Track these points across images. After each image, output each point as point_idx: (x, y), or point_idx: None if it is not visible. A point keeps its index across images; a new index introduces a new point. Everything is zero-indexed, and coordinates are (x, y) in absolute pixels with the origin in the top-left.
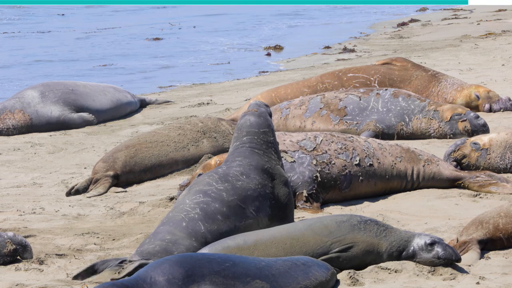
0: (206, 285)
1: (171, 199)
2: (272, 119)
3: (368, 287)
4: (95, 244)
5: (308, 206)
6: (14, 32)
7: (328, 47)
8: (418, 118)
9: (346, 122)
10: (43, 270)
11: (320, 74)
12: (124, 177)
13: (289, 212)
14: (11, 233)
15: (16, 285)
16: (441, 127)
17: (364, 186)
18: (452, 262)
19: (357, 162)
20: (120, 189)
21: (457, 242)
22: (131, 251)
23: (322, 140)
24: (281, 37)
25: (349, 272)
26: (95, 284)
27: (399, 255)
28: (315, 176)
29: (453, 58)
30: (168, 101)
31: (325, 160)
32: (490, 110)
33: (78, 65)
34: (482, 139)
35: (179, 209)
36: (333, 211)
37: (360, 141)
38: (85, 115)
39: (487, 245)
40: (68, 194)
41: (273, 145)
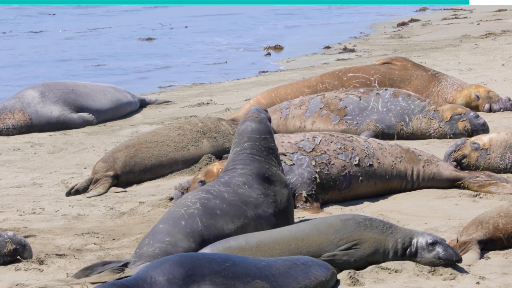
0: (206, 285)
1: (171, 199)
2: (272, 119)
3: (368, 287)
4: (95, 244)
5: (308, 206)
6: (6, 32)
7: (328, 47)
8: (418, 118)
9: (346, 122)
10: (43, 270)
11: (320, 74)
12: (124, 177)
13: (290, 215)
14: (11, 232)
15: (16, 285)
16: (441, 127)
17: (363, 187)
18: (452, 263)
19: (356, 162)
20: (120, 189)
21: (457, 242)
22: (131, 251)
23: (321, 140)
24: (278, 37)
25: (349, 272)
26: (95, 284)
27: (404, 253)
28: (314, 177)
29: (453, 58)
30: (168, 101)
31: (324, 160)
32: (490, 110)
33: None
34: (482, 139)
35: (181, 204)
36: (333, 211)
37: (360, 141)
38: (85, 115)
39: (487, 245)
40: (68, 194)
41: (273, 151)
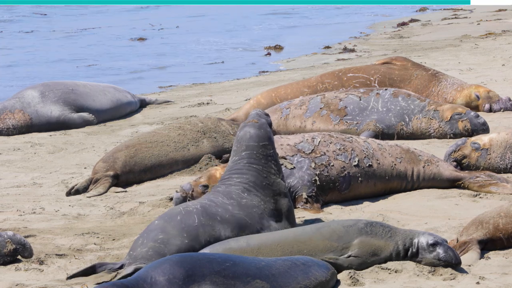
0: (207, 285)
1: (171, 199)
2: (272, 119)
3: (368, 287)
4: (95, 244)
5: (308, 206)
6: None
7: (328, 47)
8: (418, 118)
9: (346, 122)
10: (43, 270)
11: (320, 74)
12: (124, 177)
13: (291, 222)
14: (10, 232)
15: (16, 285)
16: (441, 127)
17: (363, 187)
18: (452, 265)
19: (356, 163)
20: (120, 189)
21: (457, 242)
22: None
23: (320, 141)
24: (277, 36)
25: (349, 272)
26: (95, 284)
27: (406, 254)
28: (314, 180)
29: (453, 58)
30: (168, 101)
31: (323, 162)
32: (490, 110)
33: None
34: (482, 139)
35: (182, 204)
36: (333, 211)
37: (359, 142)
38: (85, 115)
39: (487, 245)
40: (68, 194)
41: (272, 158)
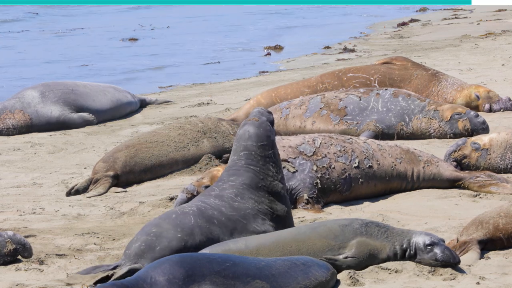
0: (207, 285)
1: (171, 199)
2: None
3: (368, 287)
4: (95, 244)
5: (309, 207)
6: None
7: (328, 47)
8: (418, 118)
9: (346, 122)
10: (43, 270)
11: (320, 74)
12: (124, 177)
13: (288, 224)
14: (11, 232)
15: (16, 285)
16: (441, 127)
17: (364, 188)
18: (450, 264)
19: (356, 165)
20: (120, 189)
21: (457, 242)
22: None
23: (321, 143)
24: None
25: (349, 272)
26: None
27: (404, 254)
28: (316, 183)
29: (453, 58)
30: (168, 101)
31: (325, 164)
32: (490, 110)
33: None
34: (482, 139)
35: (178, 206)
36: (334, 210)
37: (359, 143)
38: (85, 115)
39: (487, 245)
40: (68, 194)
41: (271, 159)
